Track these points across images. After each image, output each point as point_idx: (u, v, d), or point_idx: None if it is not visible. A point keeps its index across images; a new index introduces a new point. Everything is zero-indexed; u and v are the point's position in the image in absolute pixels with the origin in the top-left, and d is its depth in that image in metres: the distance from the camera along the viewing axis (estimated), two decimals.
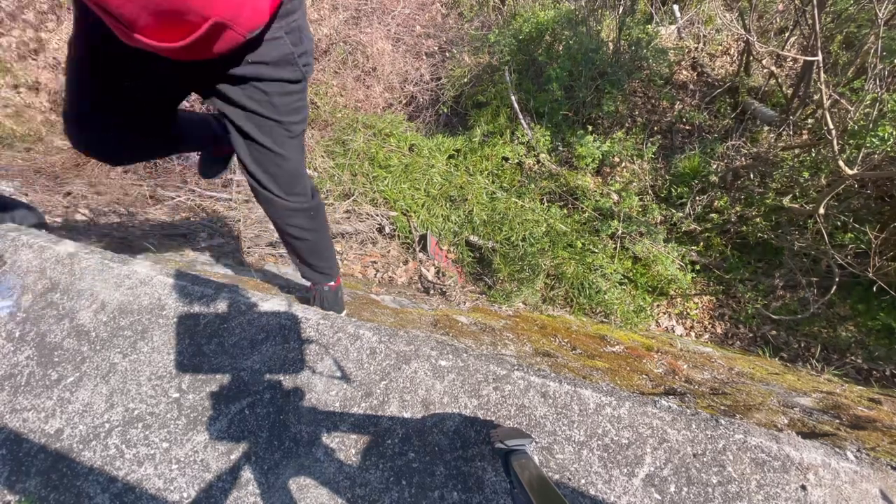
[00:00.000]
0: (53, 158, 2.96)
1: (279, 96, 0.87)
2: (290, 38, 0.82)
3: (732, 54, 4.31)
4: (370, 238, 3.08)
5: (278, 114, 0.89)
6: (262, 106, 0.87)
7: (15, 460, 0.88)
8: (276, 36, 0.79)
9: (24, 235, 1.21)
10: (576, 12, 4.04)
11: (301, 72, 0.86)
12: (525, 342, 1.56)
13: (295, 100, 0.90)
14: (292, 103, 0.90)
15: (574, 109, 3.77)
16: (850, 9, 3.32)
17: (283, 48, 0.81)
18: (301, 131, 0.96)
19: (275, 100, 0.87)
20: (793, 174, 3.02)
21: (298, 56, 0.84)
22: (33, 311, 1.07)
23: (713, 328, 2.99)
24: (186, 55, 0.73)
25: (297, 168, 1.01)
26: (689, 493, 0.83)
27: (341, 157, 3.28)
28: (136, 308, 1.07)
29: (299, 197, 1.07)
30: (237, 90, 0.84)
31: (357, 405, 0.93)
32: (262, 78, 0.83)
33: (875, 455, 0.91)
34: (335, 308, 1.43)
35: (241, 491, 0.84)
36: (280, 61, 0.82)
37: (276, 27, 0.78)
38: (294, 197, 1.06)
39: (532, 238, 3.06)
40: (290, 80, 0.86)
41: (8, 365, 0.99)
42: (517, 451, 0.73)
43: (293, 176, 1.02)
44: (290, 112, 0.90)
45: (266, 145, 0.92)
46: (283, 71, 0.84)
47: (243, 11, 0.70)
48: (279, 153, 0.95)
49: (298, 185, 1.05)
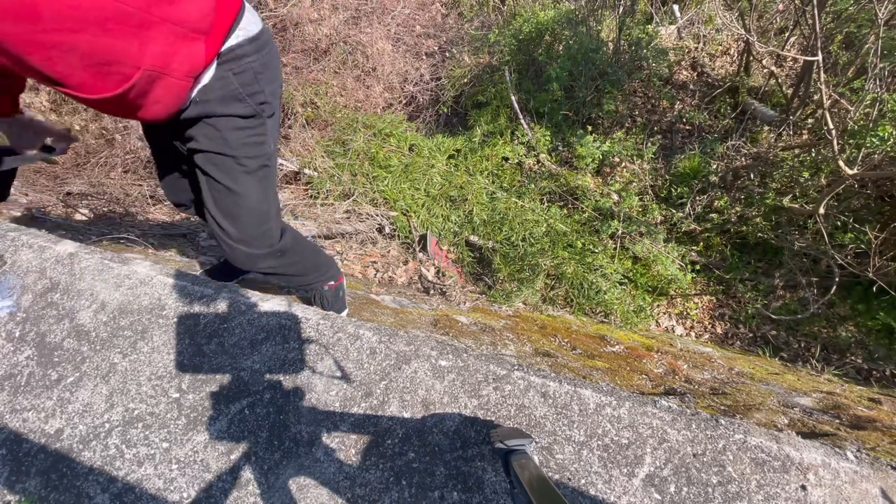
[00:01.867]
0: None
1: (231, 131, 0.88)
2: (239, 78, 0.83)
3: (732, 54, 4.31)
4: (370, 238, 3.08)
5: (231, 148, 0.89)
6: (215, 142, 0.88)
7: (15, 460, 0.88)
8: (223, 76, 0.82)
9: (23, 235, 1.21)
10: (576, 12, 4.04)
11: (253, 108, 0.87)
12: (525, 342, 1.56)
13: (248, 134, 0.90)
14: (245, 138, 0.90)
15: (574, 109, 3.77)
16: (850, 9, 3.32)
17: (230, 86, 0.83)
18: (258, 167, 0.95)
19: (227, 135, 0.88)
20: (793, 174, 3.02)
21: (249, 95, 0.85)
22: (33, 311, 1.07)
23: (713, 328, 2.99)
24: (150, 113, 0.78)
25: (258, 207, 0.99)
26: (689, 493, 0.83)
27: (341, 157, 3.28)
28: (136, 308, 1.07)
29: (263, 240, 1.04)
30: (194, 130, 0.88)
31: (357, 405, 0.93)
32: (211, 115, 0.85)
33: (875, 455, 0.91)
34: (336, 307, 1.42)
35: (241, 491, 0.84)
36: (226, 97, 0.84)
37: (223, 70, 0.81)
38: (257, 241, 1.03)
39: (532, 238, 3.06)
40: (241, 116, 0.87)
41: (8, 365, 0.99)
42: (517, 451, 0.73)
43: (254, 216, 0.99)
44: (243, 146, 0.90)
45: (222, 182, 0.92)
46: (231, 107, 0.85)
47: (175, 59, 0.72)
48: (235, 190, 0.93)
49: (262, 227, 1.02)
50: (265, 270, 1.13)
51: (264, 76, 0.87)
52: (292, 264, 1.17)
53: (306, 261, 1.24)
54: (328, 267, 1.35)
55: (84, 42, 0.63)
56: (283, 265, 1.14)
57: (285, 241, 1.11)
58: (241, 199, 0.95)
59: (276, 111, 0.95)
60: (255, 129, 0.91)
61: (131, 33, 0.66)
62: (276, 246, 1.08)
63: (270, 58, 0.88)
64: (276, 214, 1.06)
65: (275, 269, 1.13)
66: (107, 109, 0.78)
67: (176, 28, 0.70)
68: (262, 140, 0.93)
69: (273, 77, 0.90)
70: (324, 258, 1.35)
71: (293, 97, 3.31)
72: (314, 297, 1.40)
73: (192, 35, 0.72)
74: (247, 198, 0.96)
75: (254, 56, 0.83)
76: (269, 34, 0.89)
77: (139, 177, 2.75)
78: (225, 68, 0.81)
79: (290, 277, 1.24)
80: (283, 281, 1.26)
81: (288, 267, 1.17)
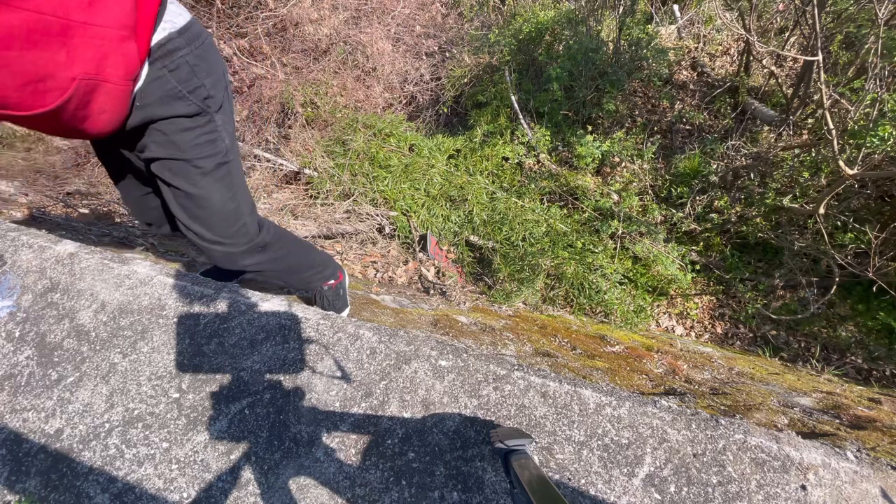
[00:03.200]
0: (53, 158, 2.96)
1: (178, 133, 0.84)
2: (175, 74, 0.80)
3: (732, 54, 4.31)
4: (370, 238, 3.08)
5: (182, 151, 0.86)
6: (165, 148, 0.85)
7: (15, 460, 0.88)
8: (158, 76, 0.78)
9: (23, 235, 1.21)
10: (576, 12, 4.04)
11: (197, 105, 0.83)
12: (525, 342, 1.56)
13: (197, 134, 0.86)
14: (195, 138, 0.86)
15: (574, 109, 3.77)
16: (850, 9, 3.32)
17: (166, 85, 0.79)
18: (214, 166, 0.91)
19: (174, 138, 0.84)
20: (793, 174, 3.02)
21: (189, 91, 0.82)
22: (33, 311, 1.07)
23: (713, 328, 2.99)
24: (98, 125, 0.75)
25: (223, 206, 0.95)
26: (689, 493, 0.83)
27: (341, 157, 3.28)
28: (136, 308, 1.07)
29: (239, 237, 1.02)
30: (144, 139, 0.85)
31: (357, 405, 0.93)
32: (154, 118, 0.82)
33: (875, 455, 0.91)
34: (337, 305, 1.40)
35: (241, 491, 0.84)
36: (166, 97, 0.80)
37: (157, 68, 0.78)
38: (232, 239, 1.01)
39: (532, 238, 3.06)
40: (185, 115, 0.83)
41: (8, 365, 0.99)
42: (517, 451, 0.73)
43: (224, 215, 0.96)
44: (194, 147, 0.87)
45: (181, 188, 0.90)
46: (173, 107, 0.81)
47: (108, 62, 0.69)
48: (195, 193, 0.91)
49: (235, 225, 1.00)
50: (252, 268, 1.11)
51: (201, 68, 0.82)
52: (278, 259, 1.15)
53: (294, 256, 1.21)
54: (325, 265, 1.33)
55: (12, 59, 0.61)
56: (269, 260, 1.12)
57: (264, 236, 1.08)
58: (205, 202, 0.93)
59: (225, 103, 0.91)
60: (204, 126, 0.87)
61: (57, 42, 0.64)
62: (255, 241, 1.05)
63: (205, 49, 0.84)
64: (248, 210, 1.03)
65: (261, 265, 1.11)
66: (53, 129, 0.75)
67: (101, 30, 0.67)
68: (213, 137, 0.89)
69: (212, 69, 0.85)
70: (318, 256, 1.33)
71: (293, 97, 3.31)
72: (314, 297, 1.39)
73: (119, 35, 0.69)
74: (209, 199, 0.93)
75: (186, 49, 0.79)
76: (199, 25, 0.84)
77: None
78: (158, 66, 0.77)
79: (282, 274, 1.21)
80: (277, 280, 1.23)
81: (275, 262, 1.14)
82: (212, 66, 0.85)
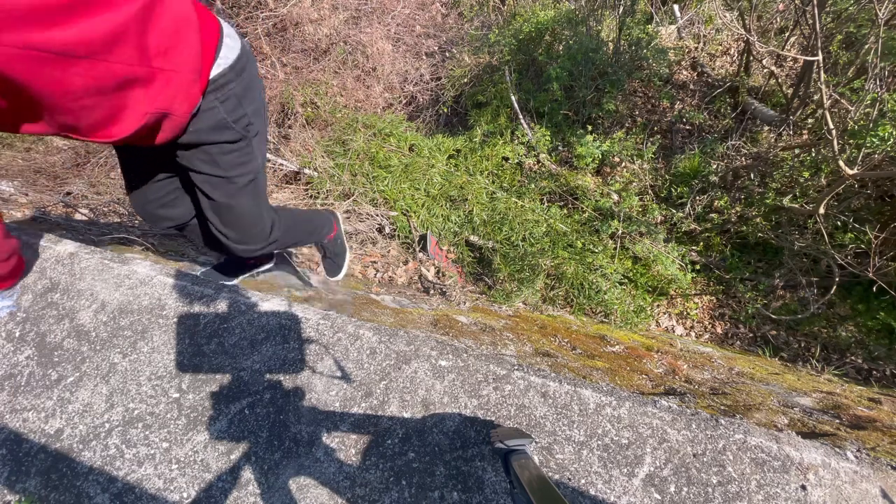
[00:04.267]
0: (53, 158, 2.96)
1: (221, 155, 0.96)
2: (225, 105, 0.91)
3: (732, 54, 4.31)
4: (370, 238, 3.08)
5: (223, 171, 0.99)
6: (209, 166, 0.97)
7: (15, 460, 0.88)
8: (211, 107, 0.88)
9: (23, 235, 1.21)
10: (576, 12, 4.04)
11: (239, 132, 0.96)
12: (525, 342, 1.56)
13: (237, 156, 0.99)
14: (235, 160, 0.99)
15: (574, 109, 3.77)
16: (850, 9, 3.32)
17: (217, 116, 0.90)
18: (249, 181, 1.05)
19: (218, 159, 0.96)
20: (793, 174, 3.02)
21: (234, 121, 0.93)
22: (33, 311, 1.07)
23: (713, 328, 2.99)
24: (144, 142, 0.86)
25: (250, 212, 1.11)
26: (689, 493, 0.83)
27: (341, 157, 3.28)
28: (136, 308, 1.07)
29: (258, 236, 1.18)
30: (188, 155, 0.96)
31: (357, 405, 0.93)
32: (203, 143, 0.93)
33: (875, 455, 0.91)
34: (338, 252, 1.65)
35: (241, 491, 0.84)
36: (216, 126, 0.91)
37: (210, 99, 0.88)
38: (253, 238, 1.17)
39: (532, 238, 3.06)
40: (229, 141, 0.96)
41: (8, 365, 0.99)
42: (517, 451, 0.73)
43: (249, 219, 1.13)
44: (234, 167, 1.00)
45: (218, 199, 1.03)
46: (221, 134, 0.93)
47: (177, 100, 0.81)
48: (231, 204, 1.05)
49: (257, 226, 1.16)
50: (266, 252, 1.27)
51: (246, 98, 0.94)
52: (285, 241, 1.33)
53: (299, 233, 1.42)
54: (322, 225, 1.54)
55: (105, 101, 0.72)
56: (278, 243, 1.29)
57: (275, 233, 1.23)
58: (237, 210, 1.07)
59: (262, 127, 1.03)
60: (244, 149, 0.99)
61: (140, 86, 0.75)
62: (269, 238, 1.21)
63: (250, 78, 0.95)
64: (266, 212, 1.17)
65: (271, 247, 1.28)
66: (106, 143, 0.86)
67: (175, 75, 0.78)
68: (249, 158, 1.01)
69: (254, 97, 0.97)
70: (317, 220, 1.52)
71: (293, 97, 3.31)
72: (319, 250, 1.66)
73: (189, 78, 0.81)
74: (241, 208, 1.07)
75: (235, 81, 0.90)
76: (247, 51, 0.94)
77: None
78: (211, 98, 0.87)
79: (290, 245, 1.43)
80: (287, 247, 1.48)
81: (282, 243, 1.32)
82: (254, 94, 0.97)
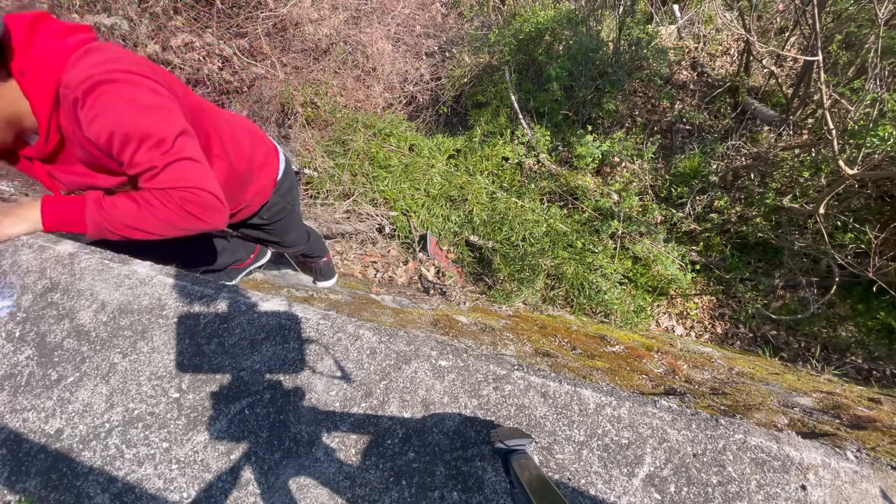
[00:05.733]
0: None
1: (276, 224, 1.47)
2: (285, 198, 1.41)
3: (732, 54, 4.31)
4: (370, 238, 3.08)
5: (277, 235, 1.54)
6: (268, 234, 1.50)
7: (15, 460, 0.88)
8: (276, 202, 1.37)
9: (23, 235, 1.21)
10: (576, 12, 4.04)
11: (288, 207, 1.44)
12: (525, 342, 1.56)
13: (285, 222, 1.50)
14: (283, 224, 1.50)
15: (574, 109, 3.77)
16: (850, 9, 3.32)
17: (278, 206, 1.40)
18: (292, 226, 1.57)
19: (274, 227, 1.48)
20: (793, 174, 3.02)
21: (287, 203, 1.43)
22: (33, 311, 1.07)
23: (713, 328, 2.99)
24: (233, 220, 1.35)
25: (295, 237, 1.65)
26: (689, 493, 0.83)
27: (341, 157, 3.28)
28: (136, 308, 1.07)
29: (300, 243, 1.74)
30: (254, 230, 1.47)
31: (357, 405, 0.93)
32: (266, 224, 1.43)
33: (875, 455, 0.91)
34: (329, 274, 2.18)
35: (241, 491, 0.84)
36: (278, 213, 1.42)
37: (276, 197, 1.36)
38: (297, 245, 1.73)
39: (532, 238, 3.06)
40: (280, 220, 1.46)
41: (8, 365, 0.99)
42: (517, 451, 0.73)
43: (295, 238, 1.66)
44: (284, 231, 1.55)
45: (271, 242, 1.61)
46: (278, 216, 1.43)
47: (259, 196, 1.30)
48: (280, 241, 1.61)
49: (300, 239, 1.71)
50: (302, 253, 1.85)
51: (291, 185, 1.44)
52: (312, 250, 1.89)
53: (318, 246, 1.93)
54: (323, 249, 2.02)
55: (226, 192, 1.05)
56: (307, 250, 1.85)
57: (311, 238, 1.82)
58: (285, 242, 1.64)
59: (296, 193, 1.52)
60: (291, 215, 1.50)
61: (249, 184, 1.22)
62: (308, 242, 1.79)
63: (291, 171, 1.43)
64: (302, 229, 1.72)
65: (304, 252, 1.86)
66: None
67: (264, 182, 1.28)
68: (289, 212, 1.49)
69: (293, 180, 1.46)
70: (323, 244, 2.03)
71: (293, 97, 3.31)
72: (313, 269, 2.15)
73: (269, 184, 1.31)
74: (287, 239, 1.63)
75: (287, 182, 1.39)
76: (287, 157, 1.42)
77: None
78: (278, 195, 1.36)
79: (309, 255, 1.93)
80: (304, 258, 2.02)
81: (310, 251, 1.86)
82: (293, 178, 1.46)
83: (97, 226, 0.83)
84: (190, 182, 0.79)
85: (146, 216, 0.81)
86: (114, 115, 0.72)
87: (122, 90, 0.72)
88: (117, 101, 0.72)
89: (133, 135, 0.74)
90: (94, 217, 0.83)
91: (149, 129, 0.75)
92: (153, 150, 0.76)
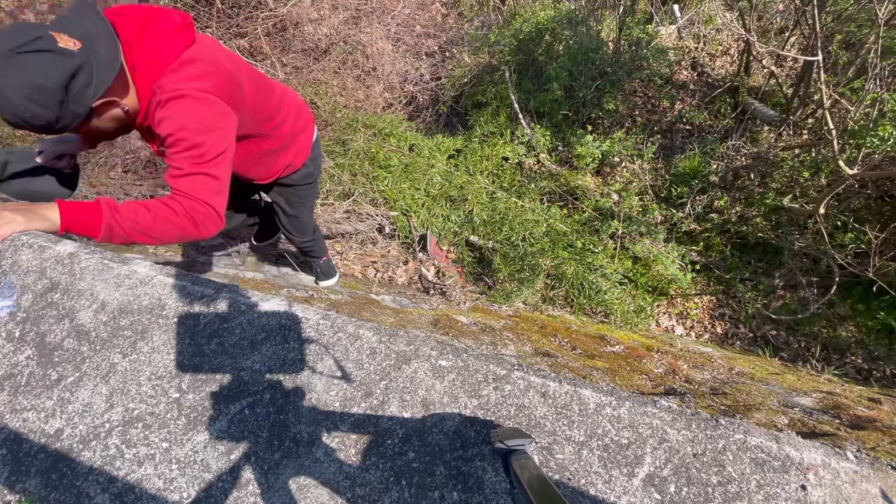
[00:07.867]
0: None
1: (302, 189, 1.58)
2: (314, 163, 1.53)
3: (732, 54, 4.31)
4: (370, 238, 3.08)
5: (300, 199, 1.63)
6: (293, 196, 1.60)
7: (15, 460, 0.88)
8: (306, 166, 1.49)
9: (23, 235, 1.21)
10: (576, 12, 4.04)
11: (314, 176, 1.58)
12: (525, 342, 1.56)
13: (309, 188, 1.61)
14: (307, 189, 1.61)
15: (574, 109, 3.77)
16: (850, 9, 3.32)
17: (306, 170, 1.51)
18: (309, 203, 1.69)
19: (300, 191, 1.59)
20: (793, 174, 3.02)
21: (315, 169, 1.55)
22: (33, 311, 1.07)
23: (713, 328, 2.99)
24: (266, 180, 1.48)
25: (306, 221, 1.77)
26: (689, 493, 0.83)
27: (341, 157, 3.28)
28: (136, 308, 1.07)
29: (306, 233, 1.85)
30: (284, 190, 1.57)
31: (357, 405, 0.93)
32: (295, 185, 1.54)
33: (875, 455, 0.91)
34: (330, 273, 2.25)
35: (241, 491, 0.84)
36: (305, 177, 1.53)
37: (308, 163, 1.49)
38: (303, 234, 1.84)
39: (532, 238, 3.06)
40: (308, 184, 1.57)
41: (8, 365, 0.99)
42: (517, 451, 0.73)
43: (305, 225, 1.79)
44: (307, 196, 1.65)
45: (290, 213, 1.67)
46: (306, 180, 1.55)
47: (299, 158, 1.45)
48: (295, 215, 1.69)
49: (308, 227, 1.83)
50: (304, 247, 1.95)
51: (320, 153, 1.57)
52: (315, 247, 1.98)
53: (320, 245, 2.02)
54: (324, 248, 2.10)
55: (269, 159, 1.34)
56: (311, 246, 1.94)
57: (316, 233, 1.92)
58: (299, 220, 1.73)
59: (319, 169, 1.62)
60: (312, 186, 1.61)
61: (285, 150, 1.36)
62: (312, 236, 1.89)
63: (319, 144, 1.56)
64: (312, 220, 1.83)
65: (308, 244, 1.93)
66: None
67: (303, 145, 1.43)
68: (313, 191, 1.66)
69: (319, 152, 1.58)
70: (324, 243, 2.10)
71: None
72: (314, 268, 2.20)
73: (307, 146, 1.45)
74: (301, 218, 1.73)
75: (317, 150, 1.52)
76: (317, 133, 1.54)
77: (139, 177, 2.75)
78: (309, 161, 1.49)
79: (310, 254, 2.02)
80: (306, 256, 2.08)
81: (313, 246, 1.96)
82: (319, 147, 1.57)
83: (110, 229, 0.94)
84: (202, 195, 0.96)
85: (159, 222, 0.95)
86: (180, 122, 0.91)
87: (197, 107, 0.93)
88: (189, 113, 0.92)
89: (185, 141, 0.92)
90: (109, 221, 0.94)
91: (198, 141, 0.94)
92: (191, 158, 0.94)
